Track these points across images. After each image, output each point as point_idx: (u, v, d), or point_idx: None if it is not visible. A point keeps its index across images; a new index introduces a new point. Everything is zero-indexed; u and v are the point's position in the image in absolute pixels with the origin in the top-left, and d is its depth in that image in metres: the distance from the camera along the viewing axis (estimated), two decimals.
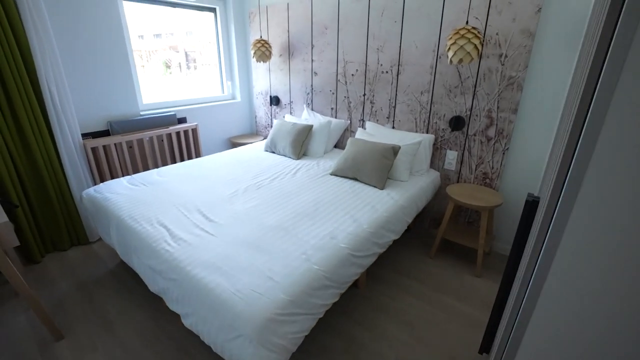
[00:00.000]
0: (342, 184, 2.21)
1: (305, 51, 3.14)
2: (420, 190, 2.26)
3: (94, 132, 2.65)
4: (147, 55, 2.87)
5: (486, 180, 2.44)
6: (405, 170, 2.33)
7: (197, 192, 2.05)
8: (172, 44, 3.03)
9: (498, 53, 2.15)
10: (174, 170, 2.44)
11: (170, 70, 3.12)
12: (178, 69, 3.17)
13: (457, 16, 2.23)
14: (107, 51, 2.61)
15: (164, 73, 3.10)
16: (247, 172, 2.39)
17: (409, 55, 2.52)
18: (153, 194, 2.01)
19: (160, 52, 2.93)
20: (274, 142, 2.89)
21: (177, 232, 1.58)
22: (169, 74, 3.10)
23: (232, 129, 3.81)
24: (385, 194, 2.07)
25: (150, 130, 2.89)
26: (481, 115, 2.33)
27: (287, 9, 3.12)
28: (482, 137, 2.37)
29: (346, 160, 2.32)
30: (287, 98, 3.47)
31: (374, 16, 2.61)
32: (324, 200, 1.95)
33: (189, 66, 3.32)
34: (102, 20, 2.53)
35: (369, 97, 2.84)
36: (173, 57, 3.07)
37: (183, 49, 3.17)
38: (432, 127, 2.57)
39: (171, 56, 3.06)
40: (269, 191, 2.07)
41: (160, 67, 2.99)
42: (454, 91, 2.39)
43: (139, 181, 2.22)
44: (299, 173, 2.41)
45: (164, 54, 2.98)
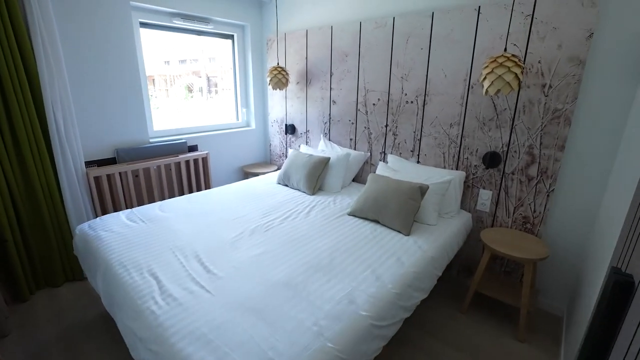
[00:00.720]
0: (361, 227, 1.94)
1: (323, 79, 2.98)
2: (451, 237, 1.96)
3: (99, 159, 2.53)
4: (171, 79, 2.93)
5: (527, 226, 2.13)
6: (433, 213, 2.06)
7: (199, 232, 1.83)
8: (195, 69, 3.10)
9: (541, 83, 1.90)
10: (177, 204, 2.25)
11: (192, 95, 3.18)
12: (199, 94, 3.24)
13: (493, 43, 2.02)
14: (118, 77, 2.52)
15: (186, 97, 3.15)
16: (256, 209, 2.17)
17: (437, 85, 2.30)
18: (151, 233, 1.81)
19: (184, 77, 3.03)
20: (287, 174, 2.69)
21: (168, 287, 1.35)
22: (191, 98, 3.16)
23: (245, 157, 3.65)
24: (411, 242, 1.79)
25: (159, 158, 2.75)
26: (520, 151, 2.05)
27: (306, 36, 3.00)
28: (521, 176, 2.08)
29: (366, 200, 2.07)
30: (304, 127, 3.29)
31: (398, 43, 2.43)
32: (341, 248, 1.69)
33: (210, 90, 3.35)
34: (116, 45, 2.46)
35: (392, 128, 2.62)
36: (195, 82, 3.15)
37: (205, 74, 3.23)
38: (462, 163, 2.31)
39: (194, 81, 3.14)
40: (278, 235, 1.83)
41: (183, 91, 3.07)
42: (488, 124, 2.14)
43: (139, 216, 2.03)
44: (314, 212, 2.17)
45: (187, 78, 3.07)
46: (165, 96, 2.91)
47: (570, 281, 2.07)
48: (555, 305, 2.15)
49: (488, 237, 2.02)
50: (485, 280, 2.18)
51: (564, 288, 2.10)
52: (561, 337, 1.92)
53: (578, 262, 2.01)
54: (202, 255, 1.59)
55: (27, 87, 2.00)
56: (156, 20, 2.75)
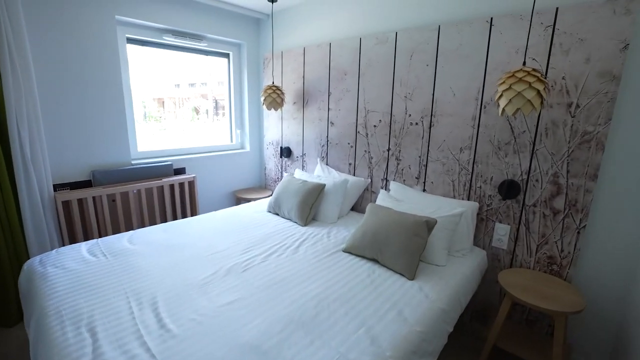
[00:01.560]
0: (357, 268, 1.64)
1: (321, 99, 2.78)
2: (465, 281, 1.65)
3: (73, 182, 2.30)
4: (180, 102, 2.98)
5: (553, 267, 1.81)
6: (442, 251, 1.75)
7: (166, 271, 1.55)
8: (204, 92, 3.14)
9: (566, 102, 1.65)
10: (150, 235, 1.98)
11: (198, 117, 3.18)
12: (206, 115, 3.26)
13: (508, 57, 1.79)
14: (99, 94, 2.34)
15: (192, 119, 3.15)
16: (238, 243, 1.89)
17: (445, 104, 2.06)
18: (109, 271, 1.54)
19: (193, 100, 3.08)
20: (278, 202, 2.42)
21: (105, 349, 1.06)
22: (197, 119, 3.16)
23: (238, 181, 3.41)
24: (416, 289, 1.48)
25: (140, 182, 2.51)
26: (543, 180, 1.77)
27: (303, 54, 2.83)
28: (545, 209, 1.78)
29: (364, 235, 1.78)
30: (300, 150, 3.06)
31: (401, 60, 2.22)
32: (331, 295, 1.39)
33: (218, 113, 3.34)
34: (98, 61, 2.29)
35: (394, 152, 2.37)
36: (203, 104, 3.17)
37: (213, 96, 3.25)
38: (475, 193, 2.03)
39: (201, 103, 3.18)
40: (258, 276, 1.54)
41: (190, 113, 3.11)
42: (504, 149, 1.87)
43: (102, 249, 1.76)
44: (303, 247, 1.88)
45: (195, 101, 3.11)
46: (173, 117, 2.98)
47: (610, 335, 1.72)
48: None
49: (508, 281, 1.70)
50: (504, 332, 1.83)
51: (603, 343, 1.75)
52: None
53: (620, 310, 1.67)
54: (161, 302, 1.31)
55: None
56: (145, 36, 2.61)
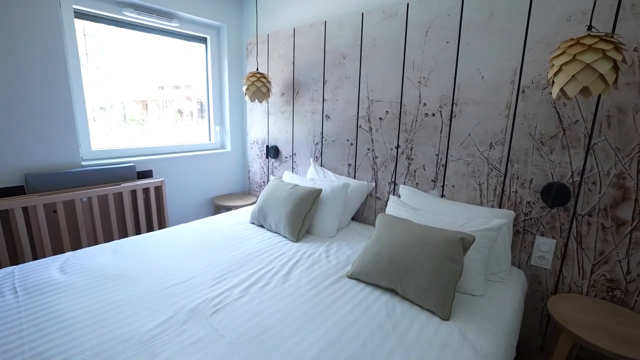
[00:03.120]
0: (371, 304, 1.21)
1: (314, 88, 2.35)
2: (513, 318, 1.23)
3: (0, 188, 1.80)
4: (164, 104, 2.82)
5: (614, 292, 1.42)
6: (479, 277, 1.34)
7: (96, 318, 1.08)
8: (188, 94, 2.95)
9: (638, 81, 1.26)
10: (93, 258, 1.49)
11: (182, 118, 2.90)
12: (189, 117, 2.99)
13: (557, 27, 1.40)
14: (37, 76, 1.85)
15: (176, 121, 2.89)
16: (208, 269, 1.43)
17: (470, 90, 1.66)
18: (16, 321, 1.06)
19: (177, 102, 2.91)
20: (263, 212, 1.96)
21: None
22: (181, 121, 2.92)
23: (217, 186, 2.94)
24: (457, 337, 1.04)
25: (91, 188, 2.02)
26: (603, 183, 1.38)
27: (293, 36, 2.40)
28: (605, 220, 1.40)
29: (377, 258, 1.34)
30: (289, 149, 2.62)
31: (413, 37, 1.82)
32: (339, 356, 0.94)
33: (203, 116, 3.03)
34: (32, 37, 1.81)
35: (405, 150, 1.95)
36: (186, 106, 2.95)
37: (197, 98, 2.98)
38: (509, 199, 1.63)
39: (185, 105, 2.94)
40: (232, 322, 1.08)
41: (174, 115, 2.86)
42: (549, 143, 1.48)
43: (19, 282, 1.27)
44: (296, 272, 1.43)
45: (180, 103, 2.92)
46: (156, 119, 2.77)
47: None
48: None
49: (561, 313, 1.30)
50: None
51: None
52: None
53: None
54: None
55: None
56: (99, 10, 2.13)
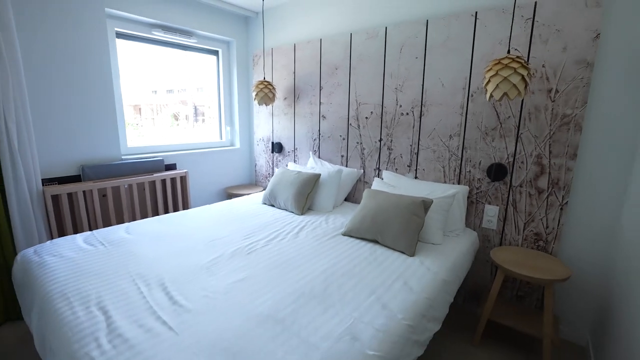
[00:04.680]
0: (359, 248, 1.69)
1: (312, 93, 2.84)
2: (460, 257, 1.73)
3: (61, 177, 2.23)
4: (158, 108, 2.93)
5: (539, 243, 1.92)
6: (438, 230, 1.84)
7: (168, 256, 1.54)
8: (182, 98, 3.11)
9: (546, 88, 1.78)
10: (147, 226, 1.96)
11: (178, 123, 3.13)
12: (185, 121, 3.22)
13: (492, 48, 1.91)
14: (89, 88, 2.29)
15: (172, 125, 3.09)
16: (237, 231, 1.90)
17: (434, 95, 2.17)
18: (109, 258, 1.51)
19: (172, 106, 3.04)
20: (273, 194, 2.44)
21: (120, 324, 1.05)
22: (177, 126, 3.12)
23: (229, 178, 3.40)
24: (418, 264, 1.54)
25: (131, 177, 2.47)
26: (528, 162, 1.89)
27: (294, 50, 2.89)
28: (530, 189, 1.91)
29: (363, 218, 1.83)
30: (291, 145, 3.10)
31: (391, 53, 2.32)
32: (338, 271, 1.43)
33: (197, 119, 3.30)
34: (87, 54, 2.25)
35: (386, 142, 2.45)
36: (182, 110, 3.13)
37: (192, 102, 3.23)
38: (464, 177, 2.13)
39: (180, 109, 3.14)
40: (262, 258, 1.56)
41: (169, 119, 3.07)
42: (491, 134, 1.99)
43: (99, 239, 1.73)
44: (303, 232, 1.92)
45: (174, 107, 3.07)
46: (151, 124, 2.92)
47: (592, 305, 1.84)
48: (575, 334, 1.90)
49: (499, 257, 1.80)
50: (497, 307, 1.93)
51: (585, 313, 1.87)
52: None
53: (600, 282, 1.80)
54: (169, 283, 1.30)
55: None
56: (134, 31, 2.59)
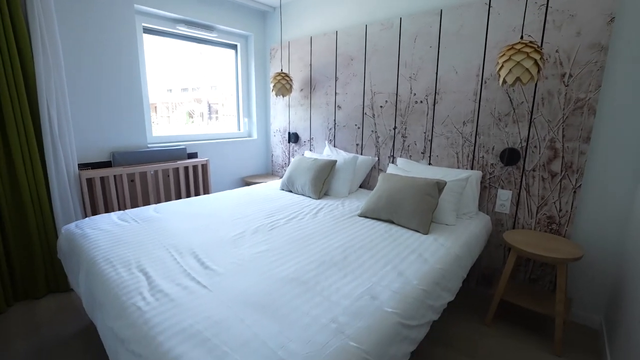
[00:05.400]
0: (375, 227, 1.77)
1: (328, 84, 2.92)
2: (473, 236, 1.79)
3: (94, 162, 2.39)
4: (173, 107, 3.03)
5: (552, 226, 1.96)
6: (451, 212, 1.90)
7: (196, 231, 1.66)
8: (197, 96, 3.22)
9: (560, 73, 1.81)
10: (173, 206, 2.08)
11: (192, 120, 3.24)
12: (200, 119, 3.33)
13: (506, 36, 1.95)
14: (118, 80, 2.44)
15: (187, 122, 3.21)
16: (258, 212, 2.01)
17: (448, 83, 2.22)
18: (143, 231, 1.64)
19: (186, 104, 3.13)
20: (291, 179, 2.54)
21: (159, 282, 1.17)
22: (191, 123, 3.24)
23: (246, 167, 3.52)
24: (432, 240, 1.61)
25: (156, 163, 2.61)
26: (541, 146, 1.93)
27: (310, 43, 2.98)
28: (543, 173, 1.94)
29: (379, 199, 1.91)
30: (307, 135, 3.19)
31: (405, 43, 2.38)
32: (355, 245, 1.51)
33: (211, 117, 3.41)
34: (117, 47, 2.40)
35: (401, 130, 2.52)
36: (196, 108, 3.24)
37: (207, 100, 3.32)
38: (478, 163, 2.18)
39: (195, 107, 3.25)
40: (284, 233, 1.66)
41: (184, 117, 3.17)
42: (504, 120, 2.03)
43: (132, 217, 1.86)
44: (321, 213, 2.01)
45: (189, 105, 3.17)
46: (167, 122, 3.03)
47: (605, 287, 1.87)
48: (589, 316, 1.93)
49: (512, 239, 1.85)
50: (510, 289, 1.97)
51: (598, 296, 1.90)
52: (604, 352, 1.69)
53: (614, 265, 1.83)
54: (199, 252, 1.42)
55: (21, 81, 1.90)
56: (160, 26, 2.73)
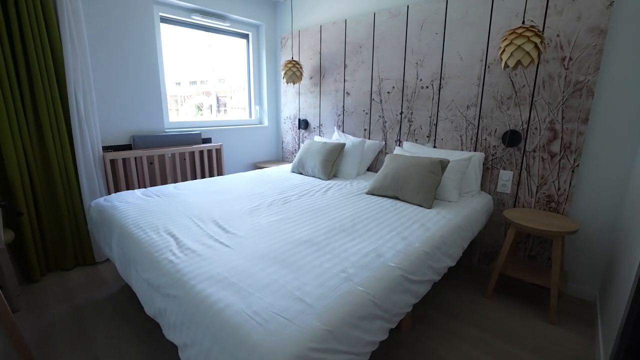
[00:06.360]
0: (381, 203, 1.89)
1: (337, 72, 3.02)
2: (474, 212, 1.89)
3: (115, 145, 2.54)
4: (182, 99, 3.11)
5: (551, 205, 2.05)
6: (454, 190, 2.00)
7: (215, 204, 1.80)
8: (205, 89, 3.29)
9: (560, 56, 1.89)
10: (192, 185, 2.23)
11: (201, 112, 3.32)
12: (209, 111, 3.40)
13: (509, 21, 2.03)
14: (139, 67, 2.58)
15: (196, 114, 3.29)
16: (272, 189, 2.14)
17: (453, 68, 2.31)
18: (166, 204, 1.78)
19: (195, 97, 3.20)
20: (301, 162, 2.66)
21: (186, 242, 1.30)
22: (200, 115, 3.31)
23: (257, 153, 3.65)
24: (434, 213, 1.72)
25: (173, 147, 2.75)
26: (541, 127, 2.01)
27: (320, 32, 3.07)
28: (543, 153, 2.03)
29: (385, 177, 2.02)
30: (317, 121, 3.30)
31: (412, 30, 2.47)
32: (363, 216, 1.63)
33: (220, 110, 3.48)
34: (136, 36, 2.53)
35: (407, 115, 2.61)
36: (205, 101, 3.31)
37: (215, 93, 3.40)
38: (480, 145, 2.27)
39: (203, 100, 3.31)
40: (296, 206, 1.78)
41: (193, 109, 3.24)
42: (506, 103, 2.12)
43: (154, 193, 2.01)
44: (331, 191, 2.13)
45: (198, 98, 3.23)
46: (175, 115, 3.10)
47: (600, 263, 1.96)
48: (585, 291, 2.03)
49: (512, 215, 1.95)
50: (509, 265, 2.08)
51: (594, 271, 1.99)
52: (596, 321, 1.79)
53: (609, 241, 1.92)
54: (220, 220, 1.55)
55: (52, 69, 2.04)
56: (176, 15, 2.85)
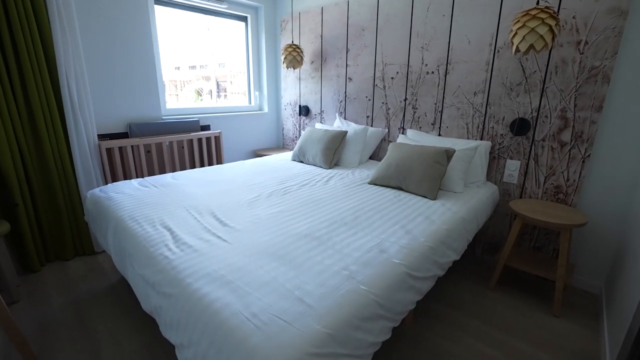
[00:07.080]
0: (384, 193, 1.84)
1: (339, 56, 2.91)
2: (480, 203, 1.84)
3: (111, 133, 2.48)
4: (181, 84, 3.04)
5: (559, 196, 1.99)
6: (459, 180, 1.94)
7: (213, 195, 1.75)
8: (205, 74, 3.21)
9: (575, 40, 1.79)
10: (190, 174, 2.17)
11: (201, 98, 3.26)
12: (209, 96, 3.34)
13: (521, 2, 1.92)
14: (133, 52, 2.48)
15: (195, 100, 3.22)
16: (272, 179, 2.08)
17: (460, 52, 2.20)
18: (163, 195, 1.73)
19: (194, 82, 3.13)
20: (302, 150, 2.60)
21: (182, 236, 1.26)
22: (200, 100, 3.25)
23: (257, 140, 3.58)
24: (439, 205, 1.67)
25: (171, 135, 2.69)
26: (552, 115, 1.93)
27: (321, 13, 2.94)
28: (553, 143, 1.96)
29: (388, 167, 1.96)
30: (318, 107, 3.21)
31: (418, 12, 2.35)
32: (365, 208, 1.58)
33: (220, 95, 3.41)
34: (130, 20, 2.42)
35: (411, 101, 2.52)
36: (205, 86, 3.23)
37: (215, 78, 3.32)
38: (487, 133, 2.19)
39: (203, 85, 3.24)
40: (297, 197, 1.73)
41: (192, 95, 3.18)
42: (515, 89, 2.03)
43: (151, 183, 1.96)
44: (332, 181, 2.07)
45: (197, 83, 3.16)
46: (175, 101, 3.03)
47: (607, 254, 1.92)
48: (591, 283, 2.00)
49: (518, 207, 1.89)
50: (514, 256, 2.04)
51: (601, 263, 1.95)
52: (602, 314, 1.77)
53: (618, 234, 1.86)
54: (218, 212, 1.51)
55: (41, 53, 1.95)
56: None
